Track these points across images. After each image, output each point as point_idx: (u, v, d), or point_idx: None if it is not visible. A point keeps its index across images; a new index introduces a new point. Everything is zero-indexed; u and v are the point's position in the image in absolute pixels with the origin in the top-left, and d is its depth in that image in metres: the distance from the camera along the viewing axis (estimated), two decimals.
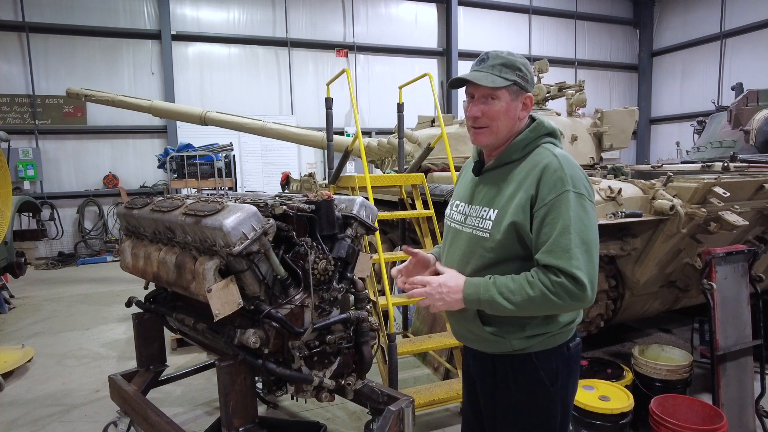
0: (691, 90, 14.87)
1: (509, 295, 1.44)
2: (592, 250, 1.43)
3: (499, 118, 1.54)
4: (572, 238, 1.40)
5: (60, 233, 10.30)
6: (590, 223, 1.45)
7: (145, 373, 2.96)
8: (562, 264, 1.39)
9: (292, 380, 2.12)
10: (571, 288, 1.39)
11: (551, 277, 1.40)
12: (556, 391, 1.58)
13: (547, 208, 1.44)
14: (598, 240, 1.48)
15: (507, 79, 1.52)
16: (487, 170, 1.64)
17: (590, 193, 1.49)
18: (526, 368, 1.57)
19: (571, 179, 1.45)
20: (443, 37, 13.52)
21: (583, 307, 1.46)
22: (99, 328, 5.48)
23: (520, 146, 1.57)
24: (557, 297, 1.40)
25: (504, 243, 1.51)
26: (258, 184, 11.40)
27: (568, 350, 1.60)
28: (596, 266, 1.44)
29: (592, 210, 1.47)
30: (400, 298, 3.54)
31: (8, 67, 10.09)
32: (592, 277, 1.41)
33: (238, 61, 11.81)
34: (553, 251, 1.41)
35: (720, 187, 3.01)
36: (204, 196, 2.77)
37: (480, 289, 1.48)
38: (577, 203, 1.43)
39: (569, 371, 1.61)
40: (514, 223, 1.48)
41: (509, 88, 1.53)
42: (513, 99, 1.54)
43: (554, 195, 1.43)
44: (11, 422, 3.41)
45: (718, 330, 3.00)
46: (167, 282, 2.38)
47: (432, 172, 4.85)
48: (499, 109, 1.54)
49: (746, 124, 6.41)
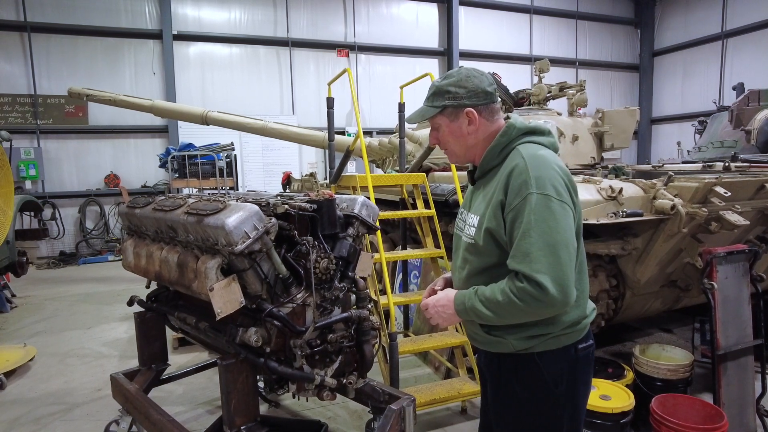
0: (692, 90, 14.86)
1: (486, 303, 1.48)
2: (559, 252, 1.39)
3: (448, 141, 1.66)
4: (533, 242, 1.39)
5: (61, 233, 10.32)
6: (556, 225, 1.40)
7: (146, 371, 2.96)
8: (522, 268, 1.40)
9: (293, 379, 2.13)
10: (534, 292, 1.37)
11: (516, 282, 1.42)
12: (561, 393, 1.56)
13: (514, 212, 1.45)
14: (570, 240, 1.43)
15: (435, 106, 1.61)
16: (478, 178, 1.70)
17: (559, 193, 1.44)
18: (530, 368, 1.57)
19: (535, 180, 1.43)
20: (444, 37, 13.52)
21: (556, 311, 1.44)
22: (100, 327, 5.49)
23: (495, 152, 1.60)
24: (523, 302, 1.40)
25: (485, 249, 1.55)
26: (259, 184, 11.41)
27: (576, 352, 1.57)
28: (566, 267, 1.39)
29: (561, 210, 1.43)
30: (401, 297, 3.55)
31: (10, 66, 10.11)
32: (560, 279, 1.37)
33: (239, 60, 11.83)
34: (515, 255, 1.42)
35: (721, 187, 3.01)
36: (206, 196, 2.77)
37: (465, 299, 1.54)
38: (540, 205, 1.41)
39: (577, 374, 1.58)
40: (489, 229, 1.52)
41: (443, 113, 1.62)
42: (453, 119, 1.62)
43: (519, 199, 1.44)
44: (13, 420, 3.42)
45: (718, 329, 3.00)
46: (169, 281, 2.39)
47: (433, 172, 4.86)
48: (444, 133, 1.66)
49: (747, 124, 6.41)
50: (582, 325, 1.58)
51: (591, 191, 3.05)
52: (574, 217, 1.49)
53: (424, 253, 3.74)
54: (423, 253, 3.75)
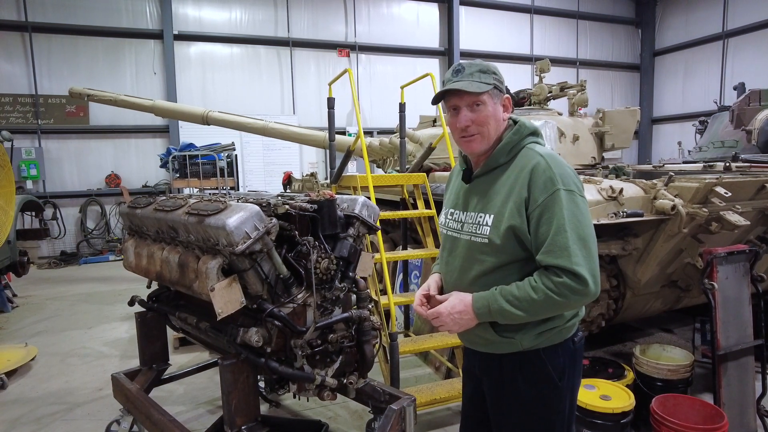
0: (693, 90, 14.85)
1: (516, 302, 1.47)
2: (589, 245, 1.45)
3: (488, 123, 1.59)
4: (569, 236, 1.42)
5: (62, 232, 10.33)
6: (584, 219, 1.47)
7: (147, 371, 2.97)
8: (562, 263, 1.42)
9: (294, 379, 2.13)
10: (574, 285, 1.41)
11: (553, 278, 1.43)
12: (563, 386, 1.60)
13: (541, 208, 1.47)
14: (595, 234, 1.50)
15: (487, 83, 1.57)
16: (477, 176, 1.67)
17: (580, 188, 1.52)
18: (535, 364, 1.59)
19: (560, 177, 1.48)
20: (445, 36, 13.52)
21: (589, 302, 1.49)
22: (101, 327, 5.50)
23: (506, 150, 1.60)
24: (561, 296, 1.43)
25: (504, 247, 1.54)
26: (260, 184, 11.42)
27: (574, 344, 1.63)
28: (596, 260, 1.47)
29: (585, 205, 1.50)
30: (402, 297, 3.55)
31: (11, 66, 10.12)
32: (594, 271, 1.44)
33: (240, 60, 11.83)
34: (552, 251, 1.44)
35: (721, 187, 3.01)
36: (207, 196, 2.78)
37: (489, 302, 1.51)
38: (569, 200, 1.46)
39: (575, 365, 1.64)
40: (512, 227, 1.51)
41: (491, 92, 1.58)
42: (495, 102, 1.60)
43: (546, 195, 1.46)
44: (15, 420, 3.42)
45: (719, 330, 3.00)
46: (170, 281, 2.39)
47: (434, 172, 4.86)
48: (487, 113, 1.58)
49: (748, 124, 6.40)
50: (578, 317, 1.64)
51: (591, 191, 3.05)
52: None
53: (424, 253, 3.74)
54: (423, 253, 3.75)
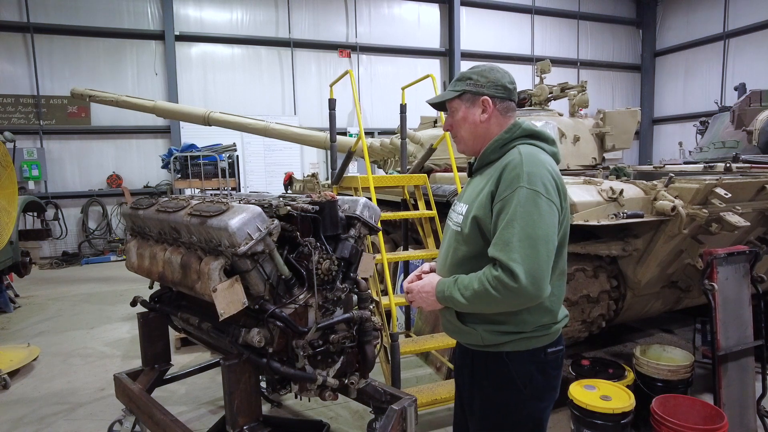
0: (693, 90, 14.84)
1: (463, 290, 1.51)
2: (537, 245, 1.41)
3: (461, 126, 1.69)
4: (515, 232, 1.42)
5: (64, 233, 10.36)
6: (540, 219, 1.43)
7: (150, 371, 2.98)
8: (499, 256, 1.43)
9: (296, 379, 2.14)
10: (507, 281, 1.40)
11: (492, 270, 1.45)
12: (528, 395, 1.59)
13: (502, 203, 1.48)
14: (551, 238, 1.45)
15: (455, 90, 1.66)
16: (475, 171, 1.73)
17: (549, 191, 1.47)
18: (498, 366, 1.60)
19: (527, 176, 1.47)
20: (446, 37, 13.52)
21: (526, 303, 1.45)
22: (103, 327, 5.52)
23: (497, 147, 1.63)
24: (496, 291, 1.42)
25: (470, 237, 1.58)
26: (261, 185, 11.43)
27: (545, 356, 1.60)
28: (542, 261, 1.42)
29: (548, 207, 1.46)
30: (403, 298, 3.55)
31: (13, 67, 10.14)
32: (534, 272, 1.40)
33: (241, 61, 11.85)
34: (497, 243, 1.46)
35: (721, 188, 3.02)
36: (208, 197, 2.79)
37: (445, 287, 1.57)
38: (528, 199, 1.44)
39: (546, 378, 1.61)
40: (476, 218, 1.55)
41: (461, 98, 1.66)
42: (469, 106, 1.66)
43: (509, 191, 1.47)
44: (18, 420, 3.44)
45: (719, 330, 3.00)
46: (172, 281, 2.41)
47: (434, 173, 4.87)
48: (459, 118, 1.69)
49: (749, 124, 6.40)
50: (554, 329, 1.61)
51: (592, 192, 3.06)
52: (559, 219, 1.51)
53: (425, 254, 3.75)
54: (424, 254, 3.76)
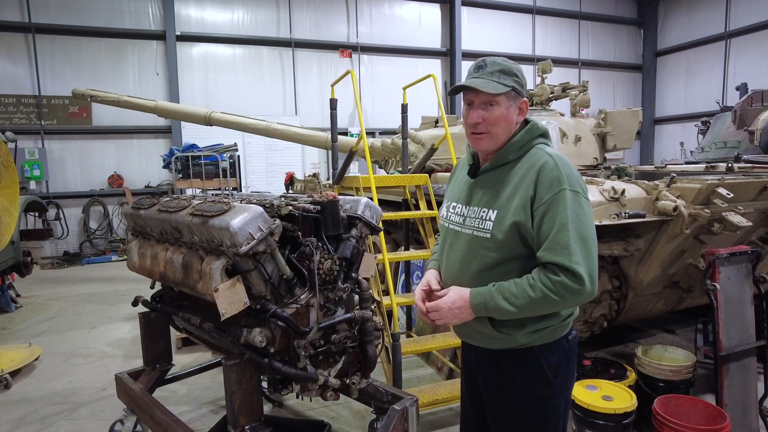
0: (695, 90, 14.81)
1: (513, 299, 1.49)
2: (590, 246, 1.47)
3: (498, 124, 1.59)
4: (570, 235, 1.44)
5: (65, 233, 10.36)
6: (587, 220, 1.50)
7: (151, 371, 2.98)
8: (561, 260, 1.44)
9: (297, 379, 2.14)
10: (570, 284, 1.43)
11: (551, 276, 1.45)
12: (558, 383, 1.63)
13: (545, 206, 1.49)
14: (596, 236, 1.52)
15: (506, 85, 1.58)
16: (484, 172, 1.68)
17: (585, 191, 1.55)
18: (530, 361, 1.61)
19: (566, 178, 1.50)
20: (447, 37, 13.52)
21: (585, 302, 1.50)
22: (105, 327, 5.52)
23: (516, 147, 1.62)
24: (558, 296, 1.45)
25: (507, 243, 1.55)
26: (262, 185, 11.43)
27: (568, 343, 1.65)
28: (595, 261, 1.49)
29: (588, 207, 1.53)
30: (404, 298, 3.56)
31: (14, 67, 10.15)
32: (592, 272, 1.46)
33: (242, 61, 11.85)
34: (553, 248, 1.46)
35: (723, 188, 3.01)
36: (210, 197, 2.79)
37: (485, 298, 1.54)
38: (573, 201, 1.48)
39: (569, 363, 1.66)
40: (516, 223, 1.52)
41: (508, 94, 1.59)
42: (511, 104, 1.60)
43: (552, 194, 1.48)
44: (19, 419, 3.44)
45: (721, 331, 3.00)
46: (174, 281, 2.41)
47: (436, 173, 4.87)
48: (499, 115, 1.59)
49: (751, 124, 6.39)
50: (573, 316, 1.66)
51: (594, 192, 3.05)
52: None
53: (426, 254, 3.75)
54: (425, 254, 3.76)
